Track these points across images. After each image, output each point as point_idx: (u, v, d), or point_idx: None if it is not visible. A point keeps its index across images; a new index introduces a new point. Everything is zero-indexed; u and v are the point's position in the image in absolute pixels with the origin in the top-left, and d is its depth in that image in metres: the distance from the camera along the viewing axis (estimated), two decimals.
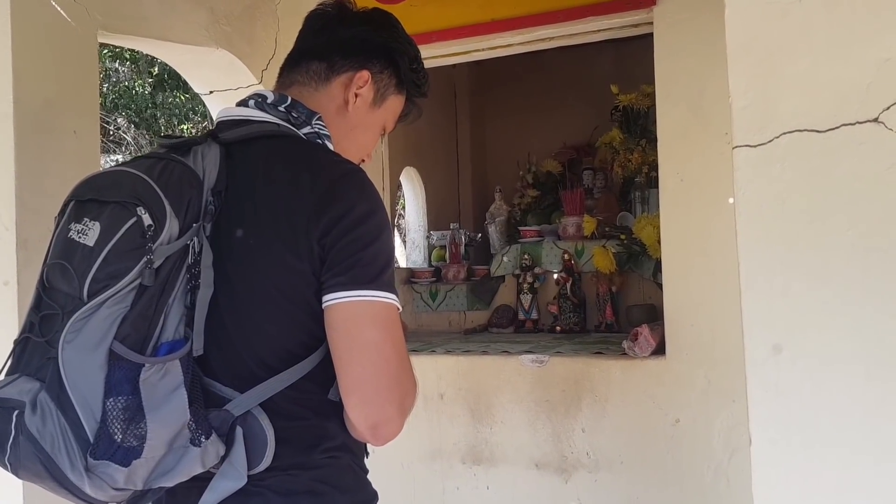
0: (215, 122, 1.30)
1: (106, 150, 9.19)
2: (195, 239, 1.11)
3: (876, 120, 1.32)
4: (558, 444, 2.81)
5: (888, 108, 1.31)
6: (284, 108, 1.26)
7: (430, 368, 2.98)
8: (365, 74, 1.32)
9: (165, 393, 1.05)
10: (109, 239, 1.04)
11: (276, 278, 1.13)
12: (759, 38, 1.39)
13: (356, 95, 1.32)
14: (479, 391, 2.95)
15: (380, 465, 1.48)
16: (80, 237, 1.06)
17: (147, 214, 1.05)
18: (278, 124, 1.24)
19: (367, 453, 1.28)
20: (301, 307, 1.13)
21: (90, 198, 1.09)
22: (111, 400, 1.01)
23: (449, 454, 2.99)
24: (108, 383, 1.02)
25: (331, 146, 1.27)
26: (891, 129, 1.31)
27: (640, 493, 2.70)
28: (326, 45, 1.33)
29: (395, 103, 1.39)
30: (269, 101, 1.27)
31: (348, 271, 1.11)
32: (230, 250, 1.14)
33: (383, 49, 1.35)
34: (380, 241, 1.14)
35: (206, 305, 1.11)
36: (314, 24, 1.37)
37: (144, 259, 1.04)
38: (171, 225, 1.07)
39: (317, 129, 1.26)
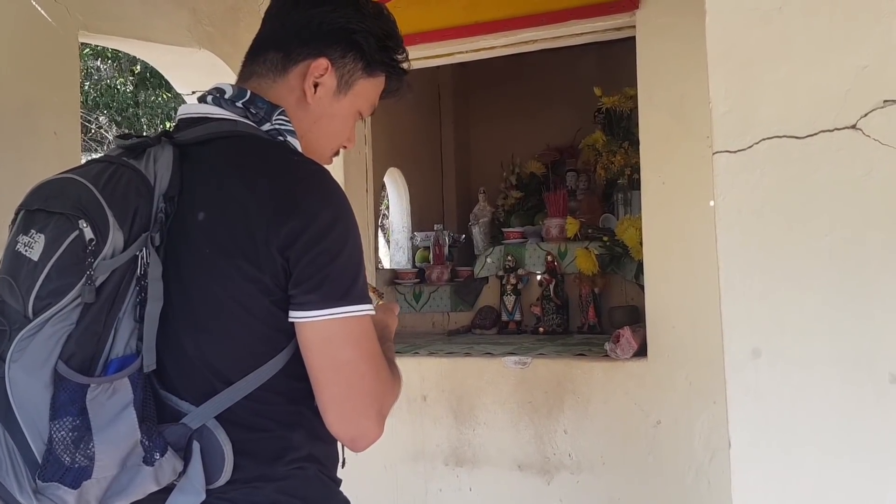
0: (175, 120, 1.23)
1: (87, 150, 9.11)
2: (144, 250, 1.06)
3: (854, 126, 1.34)
4: (541, 445, 2.83)
5: (866, 114, 1.33)
6: (243, 103, 1.18)
7: (413, 370, 2.98)
8: (323, 62, 1.22)
9: (114, 412, 1.02)
10: (52, 254, 1.01)
11: (234, 289, 1.08)
12: (738, 46, 1.40)
13: (315, 85, 1.22)
14: (462, 393, 2.95)
15: (362, 468, 1.48)
16: (26, 250, 1.02)
17: (89, 228, 1.01)
18: (236, 122, 1.17)
19: (344, 462, 1.25)
20: (260, 317, 1.09)
21: (38, 207, 1.05)
22: (57, 422, 0.98)
23: (432, 456, 2.99)
24: (54, 405, 0.98)
25: (295, 142, 1.20)
26: (868, 136, 1.33)
27: (621, 495, 2.72)
28: (282, 32, 1.24)
29: (366, 87, 1.28)
30: (226, 95, 1.19)
31: (318, 288, 1.07)
32: (185, 259, 1.10)
33: (343, 32, 1.23)
34: (347, 251, 1.10)
35: (156, 319, 1.06)
36: (270, 9, 1.28)
37: (85, 276, 1.00)
38: (115, 238, 1.03)
39: (277, 126, 1.19)
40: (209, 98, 1.20)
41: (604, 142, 3.92)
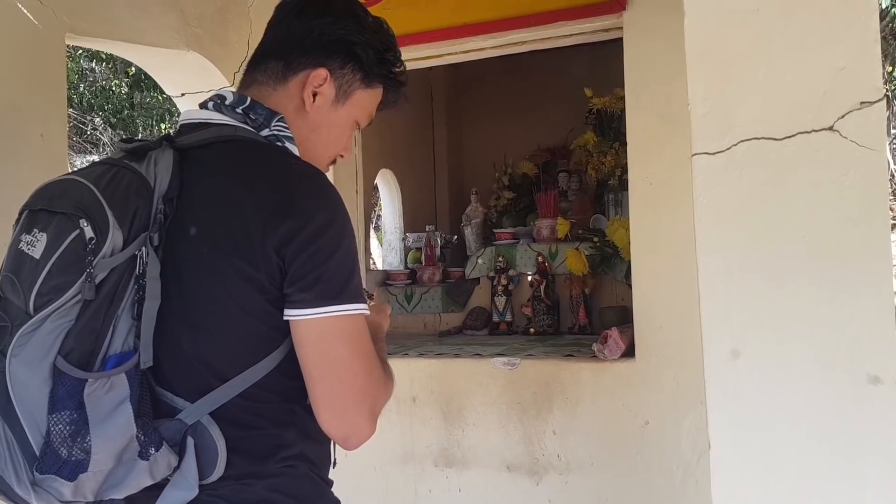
0: (178, 126, 1.26)
1: (82, 151, 9.12)
2: (143, 249, 1.08)
3: (831, 128, 1.34)
4: (529, 446, 2.83)
5: (843, 116, 1.34)
6: (242, 109, 1.22)
7: (402, 371, 2.98)
8: (322, 73, 1.25)
9: (111, 407, 1.04)
10: (54, 252, 1.03)
11: (231, 287, 1.10)
12: (717, 48, 1.41)
13: (314, 95, 1.26)
14: (452, 394, 2.96)
15: (352, 469, 1.49)
16: (28, 248, 1.05)
17: (89, 227, 1.04)
18: (236, 127, 1.20)
19: (336, 462, 1.26)
20: (256, 315, 1.11)
21: (41, 207, 1.08)
22: (55, 415, 1.00)
23: (421, 457, 2.99)
24: (52, 399, 1.01)
25: (293, 148, 1.22)
26: (845, 138, 1.33)
27: (610, 495, 2.72)
28: (283, 42, 1.27)
29: (363, 98, 1.31)
30: (227, 102, 1.23)
31: (313, 287, 1.10)
32: (184, 258, 1.12)
33: (343, 43, 1.27)
34: (341, 251, 1.12)
35: (153, 317, 1.09)
36: (273, 19, 1.31)
37: (85, 273, 1.02)
38: (115, 237, 1.05)
39: (276, 132, 1.21)
40: (210, 104, 1.24)
41: (595, 142, 3.93)
